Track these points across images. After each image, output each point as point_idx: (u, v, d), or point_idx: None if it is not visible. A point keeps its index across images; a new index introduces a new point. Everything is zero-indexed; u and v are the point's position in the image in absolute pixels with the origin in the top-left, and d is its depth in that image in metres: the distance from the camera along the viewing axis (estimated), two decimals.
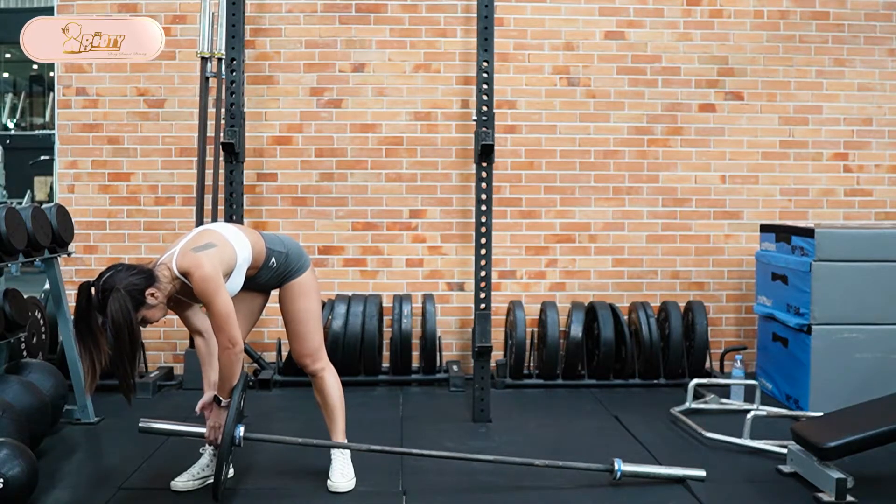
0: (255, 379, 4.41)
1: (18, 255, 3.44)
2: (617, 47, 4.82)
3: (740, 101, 4.87)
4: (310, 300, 2.93)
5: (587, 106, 4.83)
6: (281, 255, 2.88)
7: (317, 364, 2.97)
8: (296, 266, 2.91)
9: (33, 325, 4.00)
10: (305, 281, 2.92)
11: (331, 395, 3.00)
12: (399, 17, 4.76)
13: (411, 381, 4.56)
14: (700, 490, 2.94)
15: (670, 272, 4.89)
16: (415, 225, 4.80)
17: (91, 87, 4.73)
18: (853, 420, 3.02)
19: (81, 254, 4.71)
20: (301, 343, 2.95)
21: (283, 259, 2.88)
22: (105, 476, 3.15)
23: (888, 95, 4.90)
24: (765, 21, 4.85)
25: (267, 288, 2.99)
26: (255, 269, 2.84)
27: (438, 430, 3.68)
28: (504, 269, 4.83)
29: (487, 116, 3.77)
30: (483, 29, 3.83)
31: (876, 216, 4.93)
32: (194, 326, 2.94)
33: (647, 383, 4.50)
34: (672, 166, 4.86)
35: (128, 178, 4.75)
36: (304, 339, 2.94)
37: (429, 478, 3.07)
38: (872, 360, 3.90)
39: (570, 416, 3.97)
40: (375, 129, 4.77)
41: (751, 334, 4.84)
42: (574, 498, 2.92)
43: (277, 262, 2.87)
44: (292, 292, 2.91)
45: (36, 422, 3.18)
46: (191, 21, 4.69)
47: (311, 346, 2.95)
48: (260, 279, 2.89)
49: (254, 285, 2.91)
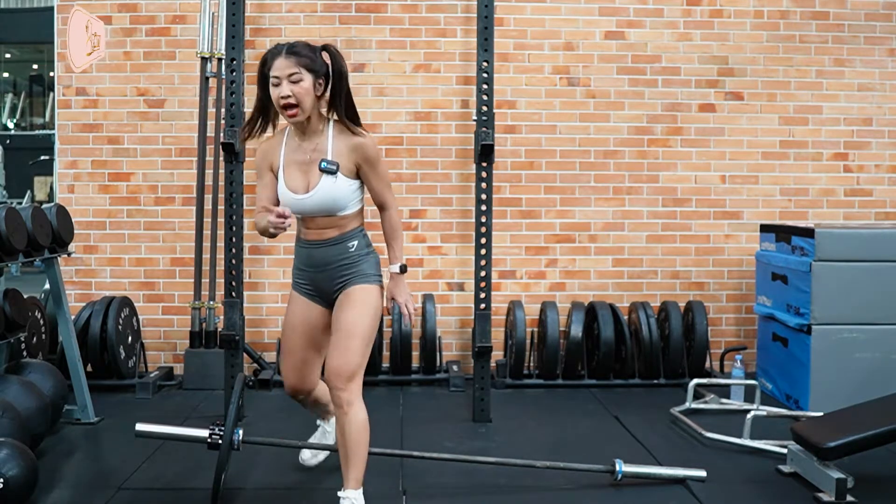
0: (255, 379, 4.41)
1: (18, 255, 3.44)
2: (617, 47, 4.82)
3: (740, 101, 4.87)
4: (367, 314, 2.55)
5: (587, 106, 4.83)
6: (365, 243, 2.63)
7: (346, 391, 2.47)
8: (370, 270, 2.61)
9: (33, 325, 4.00)
10: (372, 292, 2.59)
11: (353, 441, 2.50)
12: (399, 17, 4.76)
13: (411, 381, 4.56)
14: (700, 490, 2.94)
15: (670, 272, 4.89)
16: (415, 225, 4.80)
17: (91, 87, 4.73)
18: (853, 420, 3.02)
19: (81, 254, 4.71)
20: (339, 356, 2.50)
21: (363, 249, 2.62)
22: (105, 476, 3.15)
23: (888, 95, 4.91)
24: (765, 21, 4.85)
25: (329, 291, 2.64)
26: (340, 229, 2.59)
27: (438, 430, 3.68)
28: (504, 269, 4.83)
29: (487, 116, 3.77)
30: (483, 29, 3.83)
31: (876, 216, 4.93)
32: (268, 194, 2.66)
33: (647, 383, 4.51)
34: (672, 166, 4.86)
35: (128, 178, 4.75)
36: (346, 351, 2.49)
37: (429, 478, 3.07)
38: (872, 360, 3.90)
39: (570, 416, 3.97)
40: (375, 129, 4.77)
41: (751, 334, 4.84)
42: (575, 498, 2.92)
43: (357, 248, 2.61)
44: (353, 297, 2.56)
45: (36, 422, 3.18)
46: (191, 21, 4.69)
47: (350, 364, 2.48)
48: (329, 262, 2.60)
49: (320, 282, 2.64)
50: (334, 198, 2.54)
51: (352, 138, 2.56)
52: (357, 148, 2.56)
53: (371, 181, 2.61)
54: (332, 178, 2.52)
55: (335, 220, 2.58)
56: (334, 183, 2.52)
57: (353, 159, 2.56)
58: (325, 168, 2.51)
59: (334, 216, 2.57)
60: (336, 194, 2.53)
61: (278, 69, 2.48)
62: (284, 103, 2.48)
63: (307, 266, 2.66)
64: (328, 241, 2.60)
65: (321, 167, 2.51)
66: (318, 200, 2.54)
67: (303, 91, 2.48)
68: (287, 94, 2.47)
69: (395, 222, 2.68)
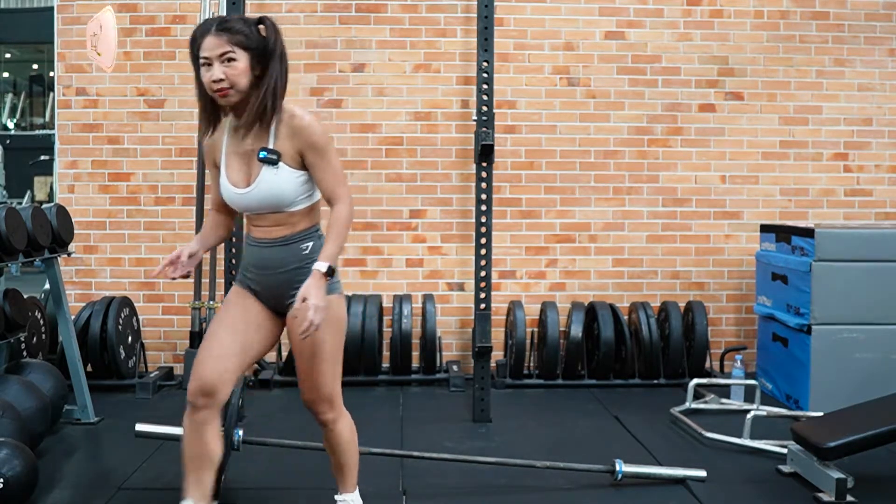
0: (255, 379, 4.42)
1: (18, 255, 3.44)
2: (617, 47, 4.82)
3: (740, 101, 4.87)
4: (329, 332, 2.26)
5: (587, 106, 4.83)
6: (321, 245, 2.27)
7: (328, 413, 2.35)
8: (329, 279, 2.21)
9: (33, 325, 4.00)
10: (331, 303, 2.21)
11: (344, 452, 2.44)
12: (399, 17, 4.76)
13: (411, 381, 4.56)
14: (700, 490, 2.94)
15: (670, 272, 4.89)
16: (415, 225, 4.80)
17: (91, 87, 4.73)
18: (853, 420, 3.02)
19: (81, 254, 4.71)
20: (310, 389, 2.31)
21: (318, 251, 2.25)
22: (105, 476, 3.15)
23: (888, 95, 4.91)
24: (765, 21, 4.85)
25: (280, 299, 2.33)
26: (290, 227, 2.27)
27: (438, 430, 3.68)
28: (504, 269, 4.83)
29: (487, 116, 3.77)
30: (483, 29, 3.83)
31: (876, 216, 4.93)
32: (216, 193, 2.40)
33: (647, 383, 4.51)
34: (672, 166, 4.86)
35: (128, 178, 4.75)
36: (316, 383, 2.30)
37: (429, 478, 3.07)
38: (872, 360, 3.90)
39: (570, 416, 3.97)
40: (375, 129, 4.77)
41: (751, 334, 4.84)
42: (575, 498, 2.91)
43: (313, 251, 2.28)
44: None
45: (36, 422, 3.18)
46: (191, 21, 4.68)
47: (323, 393, 2.31)
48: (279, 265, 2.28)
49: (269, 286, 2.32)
50: (277, 192, 2.21)
51: (293, 121, 2.21)
52: (299, 132, 2.21)
53: (317, 171, 2.23)
54: (273, 170, 2.20)
55: (283, 217, 2.26)
56: (276, 175, 2.20)
57: (295, 146, 2.21)
58: (265, 158, 2.19)
59: (282, 213, 2.25)
60: (279, 188, 2.21)
61: (208, 49, 2.14)
62: (217, 88, 2.15)
63: (257, 267, 2.32)
64: (277, 240, 2.28)
65: (259, 157, 2.19)
66: (260, 195, 2.22)
67: (237, 72, 2.14)
68: (219, 78, 2.13)
69: (342, 216, 2.24)
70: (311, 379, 2.30)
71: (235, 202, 2.28)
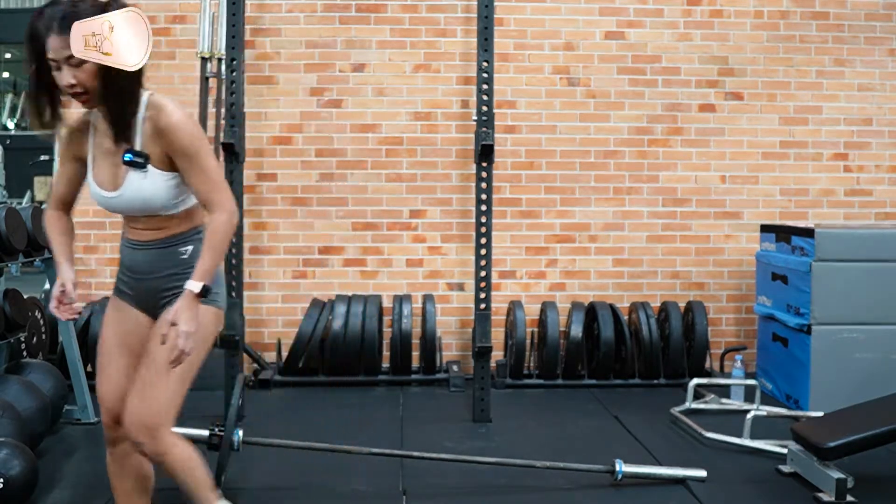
0: (255, 379, 4.41)
1: (18, 255, 3.44)
2: (617, 47, 4.82)
3: (740, 102, 4.87)
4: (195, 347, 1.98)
5: (587, 106, 4.83)
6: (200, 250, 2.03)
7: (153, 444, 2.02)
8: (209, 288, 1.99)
9: (33, 325, 4.00)
10: (202, 313, 1.99)
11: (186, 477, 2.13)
12: (399, 18, 4.76)
13: (411, 382, 4.56)
14: (700, 490, 2.94)
15: (670, 272, 4.89)
16: (415, 225, 4.80)
17: None
18: (853, 420, 3.02)
19: (81, 254, 4.71)
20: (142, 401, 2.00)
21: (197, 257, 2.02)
22: (105, 476, 3.12)
23: (888, 95, 4.91)
24: (765, 21, 4.85)
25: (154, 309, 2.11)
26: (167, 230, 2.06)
27: (438, 430, 3.68)
28: (504, 269, 4.83)
29: (487, 116, 3.77)
30: (483, 29, 3.83)
31: (876, 216, 4.93)
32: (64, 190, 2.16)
33: (647, 383, 4.50)
34: (672, 166, 4.86)
35: None
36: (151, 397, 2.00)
37: (429, 478, 3.06)
38: (872, 360, 3.90)
39: (570, 416, 3.97)
40: (375, 129, 4.77)
41: (751, 334, 4.84)
42: (575, 498, 2.91)
43: (192, 256, 2.06)
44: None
45: (36, 422, 3.18)
46: (191, 21, 4.69)
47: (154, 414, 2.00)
48: (152, 270, 2.09)
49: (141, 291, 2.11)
50: (146, 197, 2.00)
51: (159, 119, 1.97)
52: (164, 133, 1.96)
53: (189, 176, 1.99)
54: (140, 173, 1.97)
55: (159, 220, 2.06)
56: (144, 179, 1.98)
57: (162, 147, 1.98)
58: (130, 161, 1.96)
59: (158, 216, 2.05)
60: (148, 193, 1.99)
61: (54, 51, 1.89)
62: (72, 93, 1.95)
63: (131, 270, 2.13)
64: (152, 243, 2.08)
65: (124, 160, 1.96)
66: (128, 200, 2.01)
67: (89, 75, 1.91)
68: (70, 83, 1.92)
69: (218, 227, 1.99)
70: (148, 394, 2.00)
71: (104, 205, 2.08)
